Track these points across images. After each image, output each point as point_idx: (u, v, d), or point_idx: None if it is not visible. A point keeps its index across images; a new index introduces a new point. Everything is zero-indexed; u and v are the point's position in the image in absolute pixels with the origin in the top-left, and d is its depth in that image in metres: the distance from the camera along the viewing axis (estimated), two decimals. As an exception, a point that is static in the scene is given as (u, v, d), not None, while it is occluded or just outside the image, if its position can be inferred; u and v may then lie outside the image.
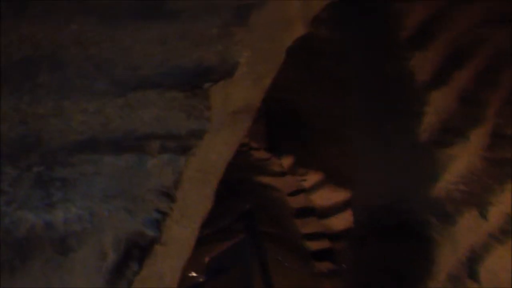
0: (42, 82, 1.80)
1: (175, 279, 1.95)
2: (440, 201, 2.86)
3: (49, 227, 1.71)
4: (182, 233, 1.95)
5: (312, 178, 9.17)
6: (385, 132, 3.33)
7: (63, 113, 1.79)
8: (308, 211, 8.24)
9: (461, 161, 3.08)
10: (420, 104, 3.23)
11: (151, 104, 1.95)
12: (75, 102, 1.82)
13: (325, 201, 8.73)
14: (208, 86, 2.01)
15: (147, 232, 1.80)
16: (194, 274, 3.54)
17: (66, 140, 1.78)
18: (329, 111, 8.07)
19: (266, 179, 8.86)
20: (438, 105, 3.26)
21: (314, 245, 7.99)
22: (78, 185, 1.77)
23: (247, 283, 3.59)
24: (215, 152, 2.12)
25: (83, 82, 1.87)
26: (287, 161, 9.41)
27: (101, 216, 1.77)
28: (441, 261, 2.71)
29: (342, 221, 8.48)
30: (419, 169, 3.05)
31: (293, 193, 8.56)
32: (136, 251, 1.76)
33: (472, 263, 2.73)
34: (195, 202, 2.03)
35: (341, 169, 7.84)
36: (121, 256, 1.75)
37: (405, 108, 3.28)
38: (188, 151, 1.94)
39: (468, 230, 2.81)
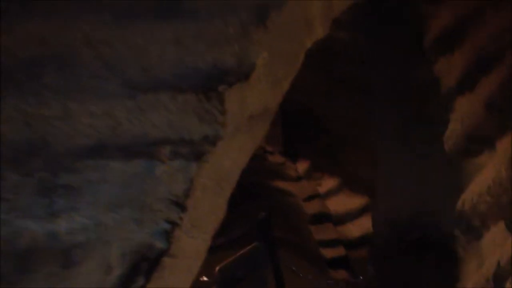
0: (48, 82, 1.71)
1: (183, 294, 1.84)
2: (465, 213, 2.73)
3: (51, 238, 1.62)
4: (192, 245, 1.85)
5: (328, 183, 9.07)
6: (409, 139, 3.20)
7: (69, 116, 1.70)
8: (324, 217, 8.15)
9: (487, 171, 2.94)
10: (444, 111, 3.10)
11: (162, 108, 1.85)
12: (83, 104, 1.72)
13: (341, 207, 8.63)
14: (223, 89, 1.90)
15: (156, 243, 1.70)
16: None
17: (72, 144, 1.68)
18: (349, 116, 7.95)
19: (281, 184, 8.78)
20: (463, 112, 3.13)
21: (329, 253, 7.88)
22: (83, 192, 1.67)
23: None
24: (230, 159, 2.01)
25: (92, 83, 1.77)
26: (302, 166, 9.34)
27: (107, 226, 1.67)
28: (465, 278, 2.57)
29: (358, 228, 8.38)
30: (443, 179, 2.92)
31: (308, 198, 8.48)
32: (144, 264, 1.66)
33: (498, 280, 2.59)
34: (207, 211, 1.92)
35: (360, 176, 7.71)
36: (127, 270, 1.65)
37: (429, 115, 3.15)
38: (200, 157, 1.83)
39: (494, 244, 2.67)
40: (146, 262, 1.67)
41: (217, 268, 3.00)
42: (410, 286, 2.75)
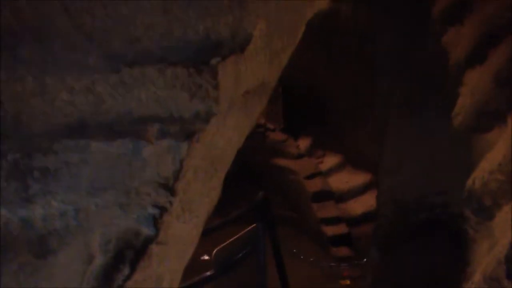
0: (22, 56, 1.56)
1: (174, 283, 1.71)
2: (475, 192, 2.58)
3: (25, 225, 1.48)
4: (183, 230, 1.71)
5: (330, 160, 8.95)
6: (415, 115, 3.05)
7: (46, 92, 1.55)
8: (326, 195, 8.07)
9: (498, 147, 2.79)
10: (453, 85, 2.93)
11: (149, 82, 1.70)
12: (61, 79, 1.57)
13: (343, 185, 8.52)
14: (216, 62, 1.74)
15: (142, 230, 1.56)
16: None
17: (49, 123, 1.53)
18: (353, 92, 7.79)
19: (282, 162, 8.68)
20: (473, 86, 2.97)
21: (331, 230, 7.80)
22: (61, 175, 1.53)
23: (260, 278, 3.35)
24: (224, 138, 1.87)
25: (71, 57, 1.62)
26: (304, 143, 9.23)
27: (88, 211, 1.53)
28: (476, 260, 2.44)
29: (360, 205, 8.30)
30: (452, 156, 2.77)
31: (310, 176, 8.39)
32: (129, 252, 1.52)
33: (511, 262, 2.46)
34: (199, 194, 1.79)
35: (363, 152, 7.58)
36: (111, 259, 1.52)
37: (437, 89, 2.99)
38: (191, 136, 1.69)
39: (507, 224, 2.53)
40: (131, 250, 1.53)
41: (214, 251, 2.87)
42: (417, 269, 2.62)
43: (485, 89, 2.96)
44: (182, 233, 1.70)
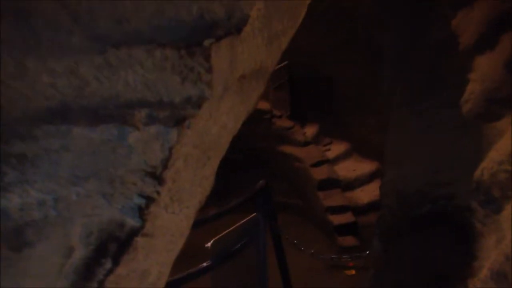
0: (1, 36, 1.46)
1: (162, 276, 1.62)
2: (484, 184, 2.46)
3: (0, 215, 1.40)
4: (172, 221, 1.62)
5: (337, 148, 8.84)
6: (422, 102, 2.93)
7: (26, 75, 1.46)
8: (332, 183, 7.96)
9: (508, 136, 2.67)
10: (462, 71, 2.81)
11: (137, 65, 1.60)
12: (42, 61, 1.48)
13: (350, 173, 8.40)
14: (209, 43, 1.64)
15: (127, 221, 1.48)
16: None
17: (29, 108, 1.44)
18: (360, 80, 7.66)
19: (288, 149, 8.57)
20: (482, 73, 2.84)
21: (337, 219, 7.70)
22: (40, 163, 1.44)
23: (259, 268, 3.25)
24: (217, 124, 1.77)
25: (54, 37, 1.53)
26: (310, 130, 9.11)
27: (69, 201, 1.44)
28: (483, 255, 2.33)
29: (367, 193, 8.18)
30: (460, 146, 2.65)
31: (317, 164, 8.29)
32: (112, 244, 1.44)
33: (519, 257, 2.35)
34: (190, 184, 1.69)
35: (370, 140, 7.46)
36: (92, 251, 1.43)
37: (446, 76, 2.86)
38: (181, 122, 1.59)
39: (515, 217, 2.42)
40: (115, 243, 1.45)
41: (210, 242, 2.77)
42: (420, 263, 2.52)
43: (495, 75, 2.84)
44: (171, 225, 1.62)
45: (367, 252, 3.68)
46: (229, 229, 2.97)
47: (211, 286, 3.04)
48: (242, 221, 3.08)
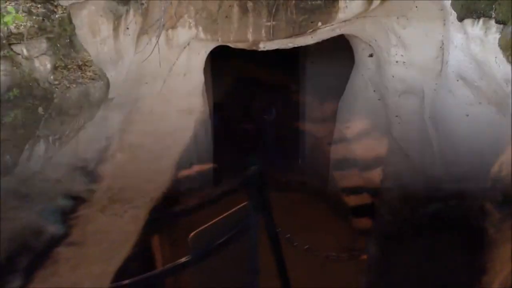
0: None
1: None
2: (501, 181, 2.08)
3: None
4: (112, 226, 1.35)
5: (356, 126, 8.41)
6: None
7: None
8: (349, 163, 7.56)
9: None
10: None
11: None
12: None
13: (369, 152, 7.98)
14: None
15: (46, 228, 1.20)
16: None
17: None
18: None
19: (305, 126, 8.19)
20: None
21: (353, 200, 7.34)
22: None
23: (250, 262, 2.95)
24: (172, 108, 1.49)
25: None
26: (329, 107, 8.68)
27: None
28: (496, 266, 1.99)
29: (386, 174, 7.74)
30: (474, 137, 2.27)
31: (334, 142, 7.88)
32: (23, 257, 1.17)
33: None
34: (138, 180, 1.41)
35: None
36: (-2, 266, 1.16)
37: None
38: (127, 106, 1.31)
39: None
40: (27, 255, 1.18)
41: (190, 236, 2.41)
42: (422, 271, 2.21)
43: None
44: (110, 229, 1.34)
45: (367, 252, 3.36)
46: (212, 221, 2.62)
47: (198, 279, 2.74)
48: (228, 212, 2.71)
